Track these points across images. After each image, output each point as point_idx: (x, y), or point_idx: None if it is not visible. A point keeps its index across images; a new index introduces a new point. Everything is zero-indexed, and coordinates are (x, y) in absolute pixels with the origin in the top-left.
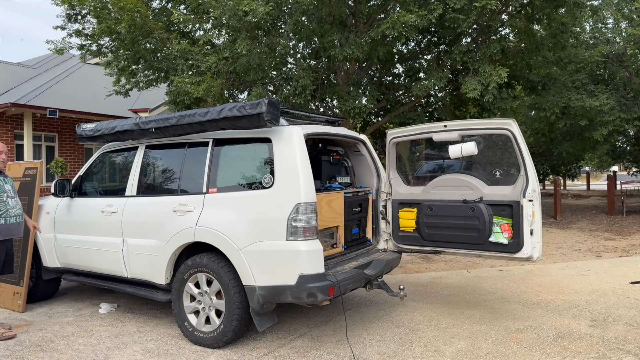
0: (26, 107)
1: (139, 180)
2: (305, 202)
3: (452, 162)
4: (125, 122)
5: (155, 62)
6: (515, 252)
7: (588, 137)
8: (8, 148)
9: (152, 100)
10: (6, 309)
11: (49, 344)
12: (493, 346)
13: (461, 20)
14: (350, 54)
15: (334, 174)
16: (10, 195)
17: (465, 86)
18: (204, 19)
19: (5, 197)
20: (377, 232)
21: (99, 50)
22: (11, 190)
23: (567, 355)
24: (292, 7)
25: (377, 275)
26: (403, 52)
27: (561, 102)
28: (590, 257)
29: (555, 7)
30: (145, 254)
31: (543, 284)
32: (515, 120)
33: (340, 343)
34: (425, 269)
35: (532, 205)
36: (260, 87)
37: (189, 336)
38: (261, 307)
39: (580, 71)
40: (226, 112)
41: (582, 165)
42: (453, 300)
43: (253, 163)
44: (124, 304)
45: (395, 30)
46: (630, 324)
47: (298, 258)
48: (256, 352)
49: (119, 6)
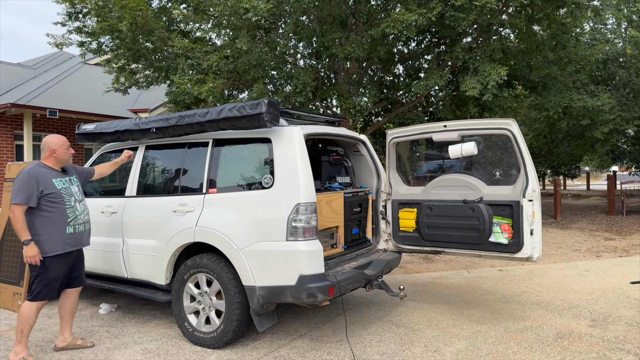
0: (26, 108)
1: (139, 180)
2: (305, 202)
3: (452, 162)
4: (126, 122)
5: (155, 62)
6: (515, 252)
7: (589, 137)
8: (8, 149)
9: (152, 100)
10: (6, 309)
11: (49, 344)
12: (493, 346)
13: (461, 19)
14: (351, 52)
15: (334, 174)
16: (77, 198)
17: (464, 85)
18: (204, 18)
19: (73, 202)
20: (377, 232)
21: (99, 48)
22: (78, 193)
23: (567, 355)
24: (292, 6)
25: (377, 276)
26: (403, 52)
27: (563, 102)
28: (590, 257)
29: (555, 8)
30: (145, 255)
31: (543, 284)
32: (516, 120)
33: (341, 343)
34: (425, 269)
35: (532, 205)
36: (260, 84)
37: (189, 336)
38: (261, 308)
39: (580, 71)
40: (226, 113)
41: (581, 166)
42: (453, 300)
43: (253, 163)
44: (124, 305)
45: (396, 28)
46: (630, 324)
47: (298, 258)
48: (256, 353)
49: (120, 5)
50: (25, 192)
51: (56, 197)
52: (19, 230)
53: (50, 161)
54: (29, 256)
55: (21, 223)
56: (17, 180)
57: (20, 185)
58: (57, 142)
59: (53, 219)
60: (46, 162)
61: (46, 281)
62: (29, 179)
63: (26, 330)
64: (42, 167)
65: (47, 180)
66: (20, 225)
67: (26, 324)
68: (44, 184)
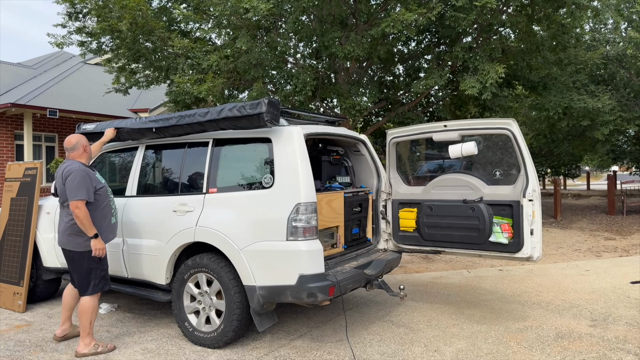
0: (26, 108)
1: (139, 180)
2: (305, 202)
3: (452, 162)
4: (126, 122)
5: (155, 61)
6: (515, 252)
7: (589, 137)
8: (8, 148)
9: (152, 100)
10: (6, 309)
11: (49, 344)
12: (493, 346)
13: (461, 19)
14: (351, 52)
15: (334, 174)
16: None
17: (464, 84)
18: (204, 18)
19: (111, 194)
20: (377, 232)
21: (99, 48)
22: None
23: (567, 355)
24: (292, 5)
25: (377, 275)
26: (403, 52)
27: (563, 103)
28: (590, 257)
29: (555, 8)
30: (145, 254)
31: (543, 284)
32: (516, 120)
33: (341, 343)
34: (426, 269)
35: (532, 205)
36: (260, 83)
37: (189, 336)
38: (261, 307)
39: (581, 72)
40: (226, 112)
41: (581, 166)
42: (453, 300)
43: (253, 163)
44: (124, 304)
45: (396, 28)
46: (631, 324)
47: (298, 258)
48: (256, 352)
49: (120, 4)
50: (84, 187)
51: (104, 191)
52: (87, 225)
53: (84, 158)
54: (99, 249)
55: (88, 218)
56: (71, 177)
57: (79, 182)
58: (85, 139)
59: (104, 212)
60: (81, 160)
61: (102, 272)
62: (83, 175)
63: (94, 321)
64: (82, 164)
65: (93, 175)
66: (88, 220)
67: (94, 315)
68: (94, 180)
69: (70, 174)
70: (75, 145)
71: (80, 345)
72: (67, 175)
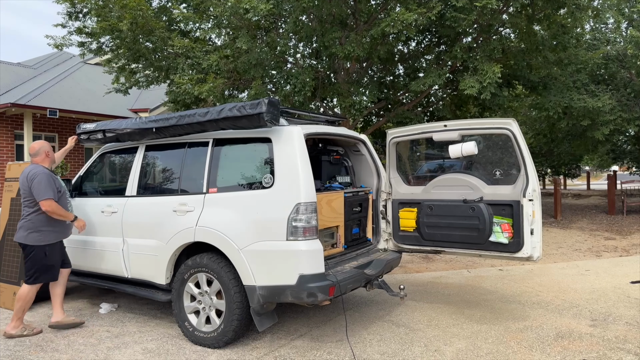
0: (26, 107)
1: (139, 180)
2: (305, 202)
3: (452, 161)
4: (126, 122)
5: (155, 61)
6: (515, 252)
7: (590, 137)
8: (8, 148)
9: (152, 100)
10: (6, 309)
11: (49, 344)
12: (493, 346)
13: (461, 19)
14: (351, 52)
15: (334, 174)
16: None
17: (463, 84)
18: (204, 18)
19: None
20: (377, 232)
21: (99, 49)
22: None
23: (567, 355)
24: (292, 5)
25: (377, 275)
26: (403, 52)
27: (563, 102)
28: (590, 257)
29: (556, 8)
30: (145, 254)
31: (543, 284)
32: (516, 120)
33: (341, 343)
34: (426, 268)
35: (533, 204)
36: (259, 81)
37: (190, 336)
38: (261, 307)
39: (581, 71)
40: (226, 112)
41: (581, 165)
42: (453, 300)
43: (253, 163)
44: (124, 304)
45: (396, 28)
46: (631, 324)
47: (298, 258)
48: (256, 352)
49: (120, 4)
50: (51, 188)
51: (64, 193)
52: (63, 214)
53: (46, 162)
54: (81, 225)
55: (61, 208)
56: (37, 180)
57: (45, 184)
58: (47, 146)
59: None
60: (44, 164)
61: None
62: (48, 178)
63: (27, 309)
64: (45, 168)
65: (56, 178)
66: (62, 210)
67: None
68: (57, 182)
69: (36, 177)
70: (38, 151)
71: (10, 326)
72: (32, 177)
